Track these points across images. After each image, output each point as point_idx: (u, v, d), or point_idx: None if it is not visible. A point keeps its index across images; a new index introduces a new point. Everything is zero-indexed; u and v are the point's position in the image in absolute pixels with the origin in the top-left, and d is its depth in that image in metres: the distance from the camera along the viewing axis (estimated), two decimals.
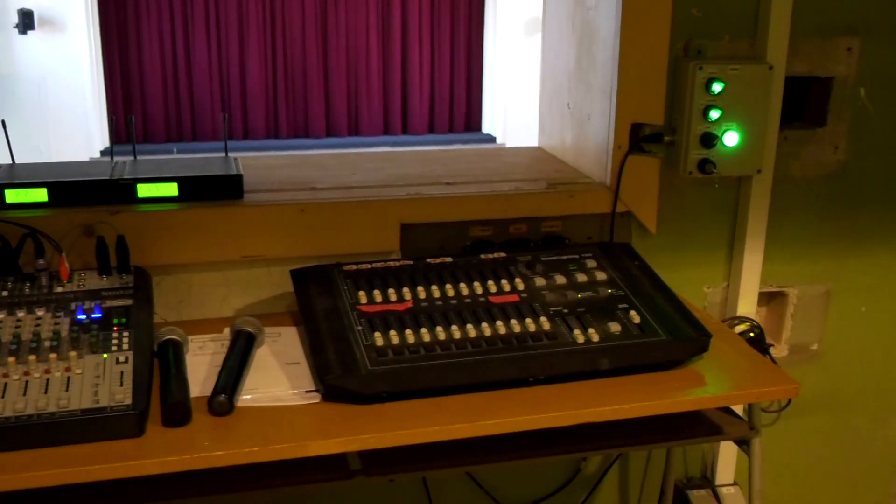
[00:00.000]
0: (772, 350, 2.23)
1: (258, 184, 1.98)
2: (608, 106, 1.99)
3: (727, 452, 2.30)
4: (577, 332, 1.65)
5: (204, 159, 2.04)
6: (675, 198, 2.09)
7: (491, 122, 9.61)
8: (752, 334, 2.17)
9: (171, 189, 1.87)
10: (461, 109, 9.75)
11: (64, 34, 8.39)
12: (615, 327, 1.67)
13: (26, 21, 8.23)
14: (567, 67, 2.17)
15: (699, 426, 1.75)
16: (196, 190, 1.88)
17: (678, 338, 1.67)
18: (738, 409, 1.80)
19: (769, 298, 2.29)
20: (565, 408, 1.55)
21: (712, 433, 1.76)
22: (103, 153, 8.73)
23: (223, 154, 2.03)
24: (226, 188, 1.89)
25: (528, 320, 1.67)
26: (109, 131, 8.50)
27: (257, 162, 2.17)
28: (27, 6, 8.20)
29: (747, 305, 2.19)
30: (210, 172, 1.91)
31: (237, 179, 1.90)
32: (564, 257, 1.86)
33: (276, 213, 1.88)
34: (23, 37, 8.24)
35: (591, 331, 1.66)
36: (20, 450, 1.38)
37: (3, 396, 1.43)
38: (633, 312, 1.71)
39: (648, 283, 1.80)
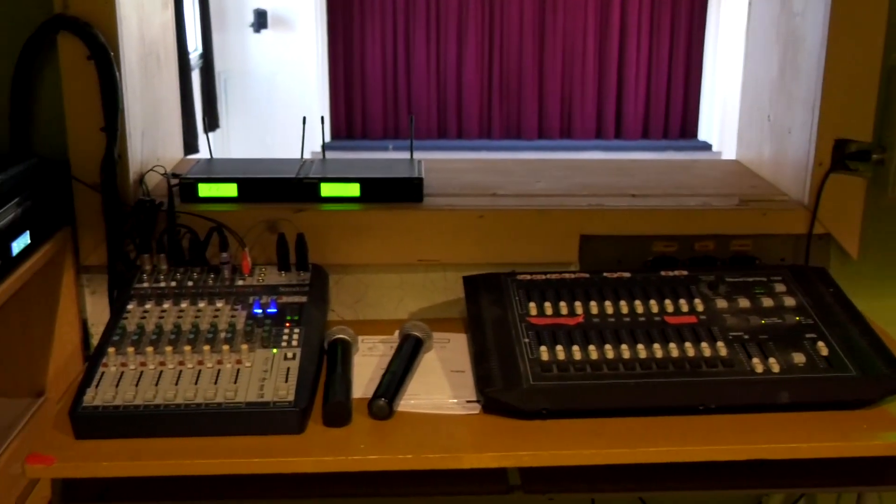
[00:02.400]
0: None
1: (440, 188, 1.97)
2: (810, 119, 1.86)
3: None
4: (756, 360, 1.55)
5: (389, 161, 2.05)
6: (881, 221, 1.92)
7: (708, 130, 9.31)
8: None
9: (353, 189, 1.89)
10: (677, 115, 9.49)
11: (294, 33, 8.78)
12: (799, 358, 1.56)
13: (260, 20, 8.68)
14: (769, 77, 2.04)
15: (891, 471, 1.60)
16: (377, 191, 1.90)
17: (870, 375, 1.54)
18: None
19: None
20: (737, 441, 1.45)
21: None
22: (325, 147, 9.08)
23: (409, 156, 2.04)
24: (406, 191, 1.90)
25: (704, 344, 1.58)
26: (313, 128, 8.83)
27: (443, 165, 2.16)
28: (262, 6, 8.65)
29: None
30: (392, 175, 1.92)
31: (418, 183, 1.90)
32: (751, 279, 1.75)
33: (454, 218, 1.87)
34: (256, 35, 8.70)
35: (771, 360, 1.55)
36: (185, 437, 1.43)
37: (176, 384, 1.48)
38: (820, 343, 1.59)
39: (842, 313, 1.67)
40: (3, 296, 1.53)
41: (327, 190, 1.89)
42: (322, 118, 2.03)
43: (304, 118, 1.97)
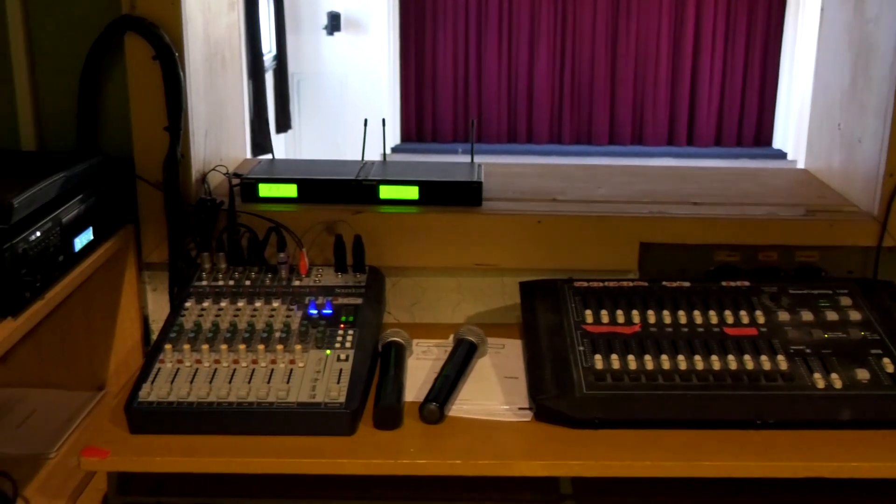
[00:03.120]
0: None
1: (500, 192, 1.96)
2: (882, 129, 1.80)
3: None
4: (817, 375, 1.51)
5: (450, 164, 2.05)
6: None
7: (783, 138, 9.13)
8: None
9: (411, 192, 1.89)
10: (751, 122, 9.33)
11: (366, 36, 8.85)
12: (863, 375, 1.51)
13: (334, 23, 8.77)
14: (841, 84, 1.99)
15: None
16: (436, 194, 1.89)
17: None
18: None
19: None
20: (795, 458, 1.41)
21: None
22: (394, 149, 9.16)
23: (469, 160, 2.03)
24: (465, 194, 1.89)
25: (764, 357, 1.54)
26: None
27: (504, 170, 2.15)
28: (335, 9, 8.73)
29: None
30: (451, 178, 1.91)
31: (476, 187, 1.89)
32: (815, 292, 1.70)
33: (512, 223, 1.86)
34: (330, 38, 8.78)
35: (833, 376, 1.51)
36: (237, 434, 1.44)
37: (230, 382, 1.49)
38: (886, 360, 1.54)
39: None
40: (64, 290, 1.56)
41: (386, 192, 1.89)
42: (383, 120, 2.02)
43: (366, 121, 1.97)
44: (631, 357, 1.55)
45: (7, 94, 1.84)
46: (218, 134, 1.99)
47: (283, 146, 7.93)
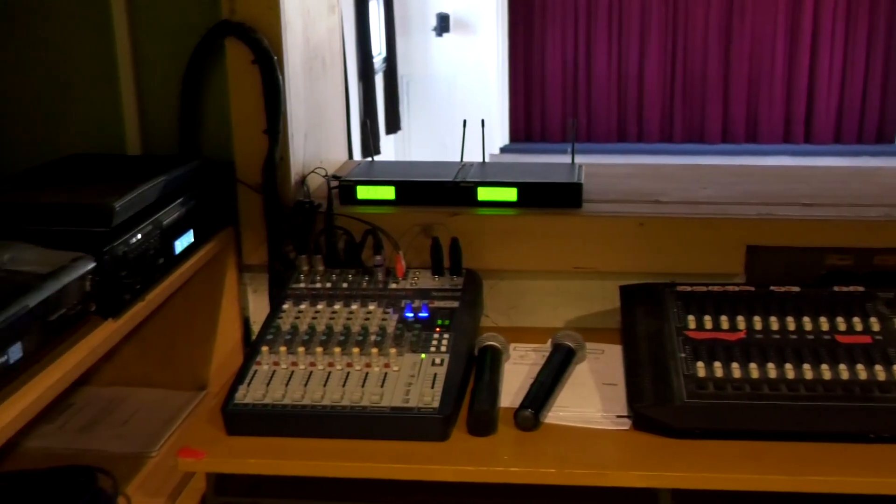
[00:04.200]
0: None
1: (601, 193, 1.92)
2: None
3: None
4: None
5: (549, 166, 2.01)
6: None
7: None
8: None
9: (510, 194, 1.86)
10: (873, 119, 8.98)
11: (475, 36, 8.84)
12: None
13: (443, 24, 8.80)
14: None
15: None
16: (535, 196, 1.86)
17: None
18: None
19: None
20: None
21: None
22: (503, 150, 9.14)
23: (570, 161, 1.99)
24: (565, 196, 1.85)
25: (878, 367, 1.46)
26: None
27: (605, 170, 2.10)
28: (444, 10, 8.76)
29: None
30: (550, 180, 1.88)
31: (576, 188, 1.85)
32: None
33: (613, 225, 1.81)
34: (439, 39, 8.82)
35: None
36: (330, 438, 1.44)
37: (324, 385, 1.49)
38: None
39: None
40: (165, 292, 1.58)
41: (484, 194, 1.87)
42: (482, 122, 2.00)
43: (465, 122, 1.96)
44: (735, 365, 1.49)
45: (113, 99, 1.88)
46: (317, 136, 1.99)
47: (392, 147, 7.99)
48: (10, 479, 1.55)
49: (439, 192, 1.88)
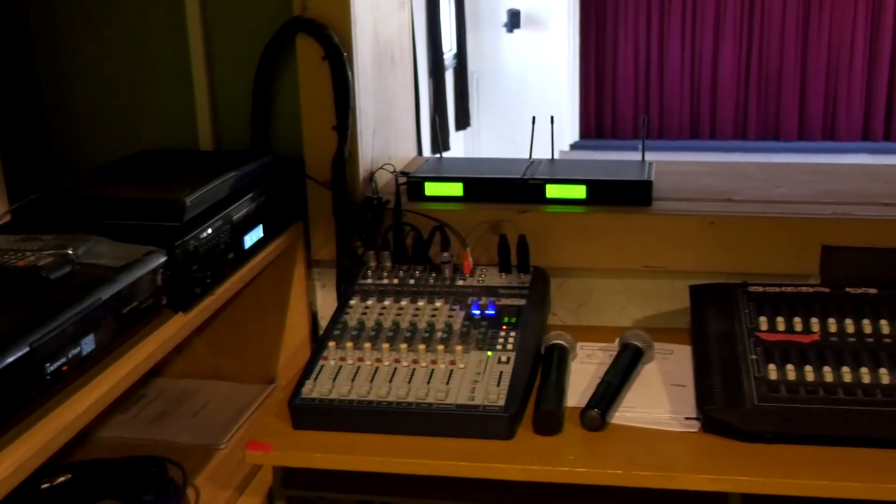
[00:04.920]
0: None
1: (671, 191, 1.89)
2: None
3: None
4: None
5: (619, 163, 1.99)
6: None
7: None
8: None
9: (578, 191, 1.85)
10: None
11: (546, 32, 8.80)
12: None
13: (513, 20, 8.77)
14: None
15: None
16: (604, 194, 1.84)
17: None
18: None
19: None
20: None
21: None
22: (573, 146, 9.09)
23: (640, 158, 1.97)
24: (634, 194, 1.83)
25: None
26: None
27: (676, 168, 2.07)
28: (515, 6, 8.73)
29: None
30: (620, 177, 1.86)
31: (646, 186, 1.83)
32: None
33: (683, 224, 1.78)
34: (509, 35, 8.79)
35: None
36: (394, 434, 1.44)
37: (390, 381, 1.50)
38: None
39: None
40: (234, 286, 1.60)
41: (553, 191, 1.85)
42: (552, 118, 1.98)
43: (534, 118, 1.94)
44: (808, 368, 1.45)
45: (187, 96, 1.91)
46: (386, 133, 2.00)
47: (461, 144, 8.00)
48: (85, 468, 1.58)
49: (508, 189, 1.87)
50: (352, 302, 1.70)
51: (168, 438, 1.75)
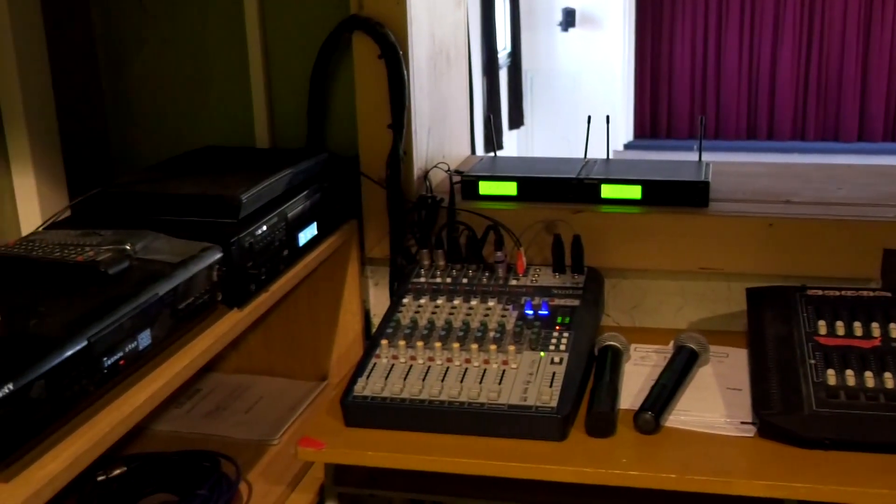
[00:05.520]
0: None
1: (729, 192, 1.86)
2: None
3: None
4: None
5: (675, 163, 1.96)
6: None
7: None
8: None
9: (634, 192, 1.83)
10: None
11: (601, 31, 8.75)
12: None
13: (568, 19, 8.73)
14: None
15: None
16: (660, 194, 1.82)
17: None
18: None
19: None
20: None
21: None
22: (626, 146, 9.02)
23: (697, 158, 1.94)
24: (691, 195, 1.81)
25: None
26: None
27: (734, 169, 2.04)
28: (570, 5, 8.69)
29: None
30: (676, 177, 1.83)
31: (703, 187, 1.80)
32: None
33: (741, 226, 1.76)
34: (564, 34, 8.75)
35: None
36: (446, 433, 1.44)
37: (442, 380, 1.49)
38: None
39: None
40: (289, 283, 1.61)
41: (608, 191, 1.84)
42: (607, 118, 1.97)
43: (589, 118, 1.93)
44: (868, 374, 1.42)
45: (244, 93, 1.92)
46: (441, 131, 2.00)
47: (514, 142, 7.98)
48: (140, 461, 1.60)
49: (562, 189, 1.86)
50: (405, 300, 1.70)
51: (221, 433, 1.77)
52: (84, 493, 1.50)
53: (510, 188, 1.88)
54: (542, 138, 8.54)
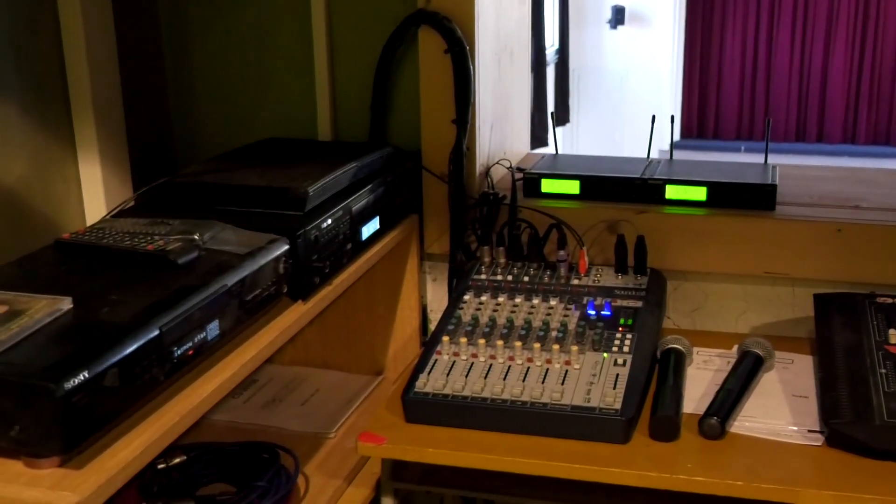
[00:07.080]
0: None
1: (795, 196, 1.83)
2: None
3: None
4: None
5: (740, 165, 1.94)
6: None
7: None
8: None
9: (699, 193, 1.80)
10: None
11: (650, 29, 8.67)
12: None
13: (618, 17, 8.66)
14: None
15: None
16: (725, 196, 1.79)
17: None
18: None
19: None
20: None
21: None
22: (672, 148, 8.92)
23: (763, 161, 1.92)
24: (757, 198, 1.78)
25: None
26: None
27: (800, 172, 2.01)
28: (620, 3, 8.63)
29: None
30: (742, 180, 1.81)
31: (770, 190, 1.77)
32: None
33: (808, 230, 1.73)
34: (612, 32, 8.69)
35: None
36: (507, 432, 1.43)
37: (504, 379, 1.48)
38: None
39: None
40: (351, 277, 1.60)
41: (672, 192, 1.82)
42: (672, 117, 1.95)
43: (654, 117, 1.91)
44: None
45: (308, 86, 1.92)
46: (503, 128, 1.99)
47: (559, 139, 7.94)
48: (200, 450, 1.60)
49: (625, 189, 1.84)
50: (466, 297, 1.69)
51: (278, 425, 1.77)
52: (144, 480, 1.50)
53: (573, 186, 1.87)
54: (587, 136, 8.49)
